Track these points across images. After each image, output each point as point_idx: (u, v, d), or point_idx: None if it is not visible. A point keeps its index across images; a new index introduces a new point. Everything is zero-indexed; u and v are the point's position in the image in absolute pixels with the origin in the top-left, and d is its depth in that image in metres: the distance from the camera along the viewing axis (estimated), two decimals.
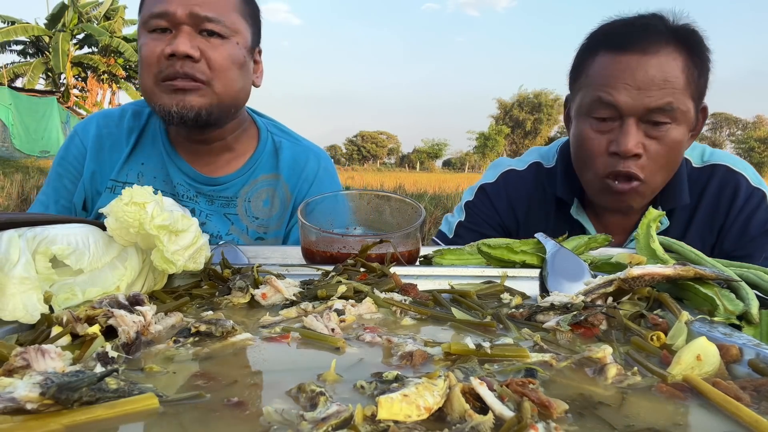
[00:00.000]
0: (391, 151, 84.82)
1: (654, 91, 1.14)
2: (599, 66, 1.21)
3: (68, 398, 0.37)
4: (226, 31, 1.25)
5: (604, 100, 1.17)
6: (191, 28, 1.22)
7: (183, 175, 1.41)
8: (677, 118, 1.16)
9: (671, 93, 1.14)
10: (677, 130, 1.17)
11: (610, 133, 1.19)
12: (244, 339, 0.57)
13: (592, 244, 1.09)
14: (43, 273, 0.64)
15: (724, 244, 1.28)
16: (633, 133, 1.15)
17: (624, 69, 1.16)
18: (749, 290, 0.71)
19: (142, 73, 1.26)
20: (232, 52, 1.26)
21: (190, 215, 0.77)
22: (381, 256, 0.91)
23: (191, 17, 1.21)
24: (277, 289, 0.73)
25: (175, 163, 1.40)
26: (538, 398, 0.39)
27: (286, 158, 1.47)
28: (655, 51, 1.15)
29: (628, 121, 1.15)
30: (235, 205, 1.41)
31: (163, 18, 1.22)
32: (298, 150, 1.50)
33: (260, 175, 1.45)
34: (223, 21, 1.24)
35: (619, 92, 1.15)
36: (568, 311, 0.64)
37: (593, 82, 1.20)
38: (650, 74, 1.14)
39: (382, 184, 14.17)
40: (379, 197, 1.13)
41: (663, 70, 1.15)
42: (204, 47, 1.22)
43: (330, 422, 0.36)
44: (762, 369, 0.48)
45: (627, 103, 1.14)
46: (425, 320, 0.66)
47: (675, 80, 1.15)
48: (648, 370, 0.48)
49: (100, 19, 27.96)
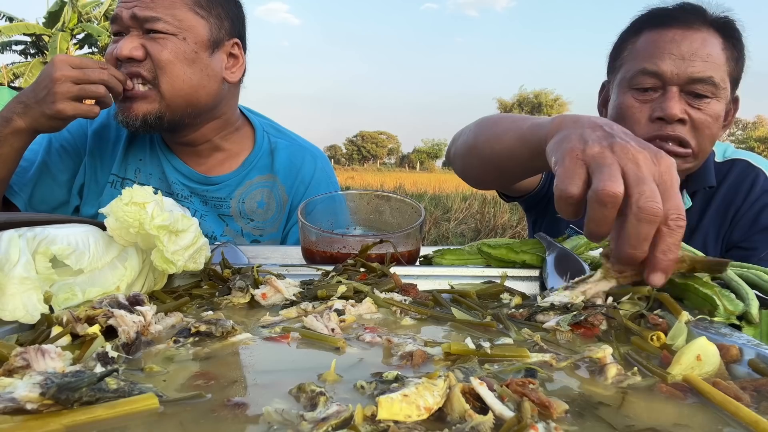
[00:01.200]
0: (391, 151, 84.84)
1: (698, 62, 1.19)
2: (644, 41, 1.26)
3: (68, 398, 0.37)
4: (171, 28, 1.24)
5: (648, 70, 1.21)
6: (138, 30, 1.23)
7: (178, 174, 1.40)
8: (717, 94, 1.20)
9: (713, 67, 1.19)
10: (718, 105, 1.22)
11: (652, 102, 1.22)
12: (244, 339, 0.57)
13: (592, 244, 1.09)
14: (43, 273, 0.64)
15: (734, 232, 1.33)
16: (677, 99, 1.19)
17: (669, 40, 1.21)
18: (749, 290, 0.71)
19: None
20: (176, 48, 1.24)
21: (190, 215, 0.77)
22: (381, 256, 0.91)
23: (134, 19, 1.22)
24: (277, 289, 0.73)
25: (170, 162, 1.40)
26: (538, 398, 0.39)
27: (282, 159, 1.45)
28: (698, 28, 1.21)
29: (671, 89, 1.20)
30: (228, 207, 1.40)
31: (115, 23, 1.25)
32: (294, 150, 1.48)
33: (255, 176, 1.43)
34: (164, 18, 1.23)
35: (663, 61, 1.20)
36: (568, 311, 0.64)
37: (638, 55, 1.26)
38: (694, 46, 1.19)
39: (382, 184, 14.18)
40: (379, 197, 1.13)
41: (705, 45, 1.20)
42: (148, 46, 1.22)
43: (330, 422, 0.36)
44: (762, 369, 0.47)
45: (671, 71, 1.19)
46: (425, 320, 0.66)
47: (717, 56, 1.20)
48: (648, 370, 0.49)
49: (100, 19, 27.97)
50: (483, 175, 1.17)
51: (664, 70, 1.20)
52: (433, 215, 7.96)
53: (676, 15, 1.24)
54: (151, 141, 1.41)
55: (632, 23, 1.32)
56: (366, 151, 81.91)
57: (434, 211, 8.17)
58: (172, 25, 1.23)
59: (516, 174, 1.10)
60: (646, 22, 1.28)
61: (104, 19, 28.04)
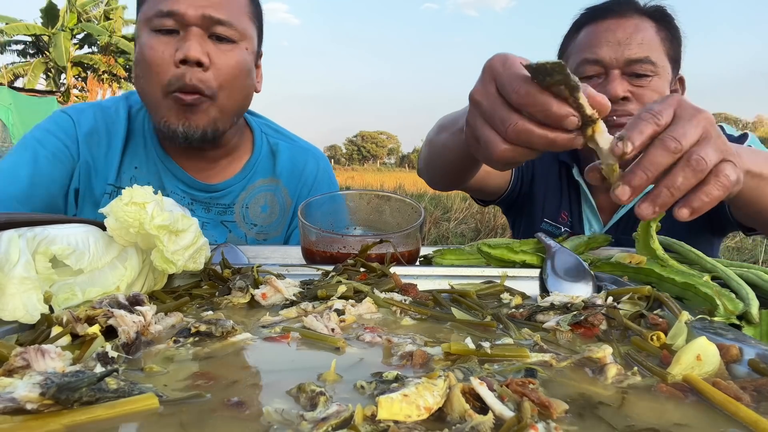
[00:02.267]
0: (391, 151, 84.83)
1: (633, 45, 1.29)
2: (583, 35, 1.37)
3: (68, 398, 0.37)
4: (236, 36, 1.18)
5: (589, 59, 1.31)
6: (201, 31, 1.14)
7: (177, 182, 1.33)
8: (657, 72, 1.30)
9: (648, 48, 1.29)
10: (659, 81, 1.30)
11: (598, 88, 1.29)
12: (244, 339, 0.57)
13: (592, 244, 1.09)
14: (43, 273, 0.64)
15: None
16: (618, 80, 1.28)
17: (605, 30, 1.32)
18: (749, 290, 0.71)
19: (146, 78, 1.17)
20: (240, 58, 1.19)
21: (190, 215, 0.77)
22: (381, 256, 0.91)
23: (203, 19, 1.14)
24: (277, 289, 0.73)
25: (169, 169, 1.32)
26: (538, 398, 0.39)
27: (284, 161, 1.41)
28: (630, 16, 1.32)
29: (612, 72, 1.29)
30: (232, 212, 1.36)
31: (172, 17, 1.13)
32: (295, 151, 1.45)
33: (258, 179, 1.39)
34: (234, 25, 1.17)
35: (601, 49, 1.30)
36: (568, 311, 0.64)
37: (579, 48, 1.36)
38: (628, 32, 1.30)
39: (382, 184, 14.17)
40: (379, 197, 1.13)
41: (639, 29, 1.30)
42: (213, 53, 1.15)
43: (330, 422, 0.36)
44: (762, 369, 0.48)
45: (610, 56, 1.29)
46: (425, 320, 0.66)
47: (651, 38, 1.31)
48: (648, 370, 0.49)
49: (99, 19, 27.96)
50: (433, 170, 1.23)
51: (603, 56, 1.29)
52: (433, 215, 7.96)
53: (610, 7, 1.34)
54: (146, 146, 1.33)
55: (573, 23, 1.42)
56: (366, 151, 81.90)
57: (434, 211, 8.17)
58: (237, 32, 1.18)
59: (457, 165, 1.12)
60: (585, 19, 1.39)
61: (104, 18, 28.04)
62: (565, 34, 1.44)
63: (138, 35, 1.22)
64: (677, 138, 0.62)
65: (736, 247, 6.19)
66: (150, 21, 1.16)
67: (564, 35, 1.44)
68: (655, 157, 0.62)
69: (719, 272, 0.79)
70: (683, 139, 0.62)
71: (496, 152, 0.68)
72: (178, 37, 1.15)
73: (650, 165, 0.62)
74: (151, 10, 1.16)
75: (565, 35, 1.44)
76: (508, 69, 0.66)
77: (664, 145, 0.62)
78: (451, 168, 1.13)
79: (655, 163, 0.62)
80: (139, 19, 1.22)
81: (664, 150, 0.62)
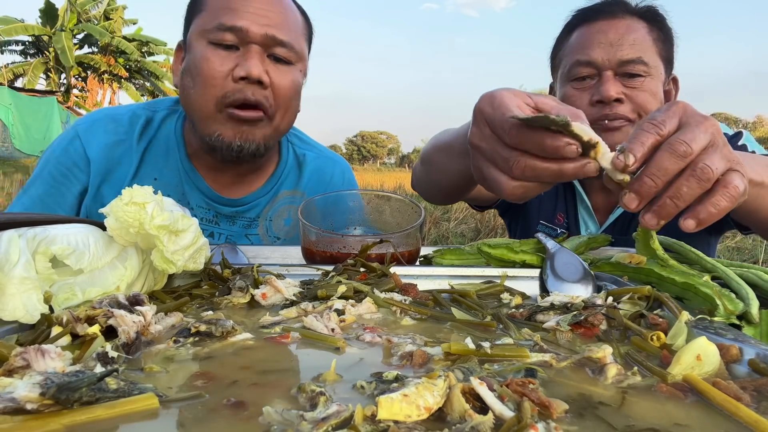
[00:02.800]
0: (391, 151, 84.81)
1: (625, 46, 1.28)
2: (576, 37, 1.37)
3: (68, 398, 0.37)
4: (294, 58, 1.18)
5: (582, 61, 1.31)
6: (261, 49, 1.13)
7: (201, 196, 1.30)
8: (650, 72, 1.30)
9: (640, 48, 1.29)
10: (652, 82, 1.30)
11: (591, 89, 1.31)
12: (244, 339, 0.57)
13: (592, 244, 1.09)
14: (43, 273, 0.64)
15: None
16: (612, 81, 1.28)
17: (597, 31, 1.32)
18: (749, 290, 0.71)
19: (198, 90, 1.14)
20: (296, 79, 1.19)
21: (190, 215, 0.77)
22: (381, 256, 0.91)
23: (265, 38, 1.13)
24: (277, 289, 0.73)
25: (194, 182, 1.29)
26: (538, 398, 0.39)
27: (311, 172, 1.40)
28: (622, 17, 1.32)
29: (605, 74, 1.29)
30: (257, 225, 1.35)
31: (233, 33, 1.12)
32: (322, 162, 1.44)
33: (282, 191, 1.37)
34: (294, 47, 1.17)
35: (594, 50, 1.30)
36: (568, 311, 0.64)
37: (572, 50, 1.36)
38: (620, 32, 1.29)
39: (382, 184, 14.16)
40: (379, 197, 1.12)
41: (630, 30, 1.30)
42: (272, 73, 1.15)
43: (330, 422, 0.36)
44: (762, 369, 0.48)
45: (602, 57, 1.28)
46: (425, 320, 0.66)
47: (642, 39, 1.30)
48: (648, 370, 0.48)
49: (99, 19, 27.96)
50: (430, 188, 1.24)
51: (595, 57, 1.29)
52: (433, 215, 7.96)
53: (602, 9, 1.35)
54: (168, 156, 1.30)
55: (565, 25, 1.42)
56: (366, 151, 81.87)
57: (434, 211, 8.16)
58: (295, 54, 1.18)
59: (455, 186, 1.15)
60: (576, 21, 1.39)
61: (104, 19, 28.05)
62: (557, 37, 1.44)
63: (191, 45, 1.19)
64: (687, 142, 0.60)
65: (736, 247, 6.18)
66: (208, 33, 1.14)
67: (556, 38, 1.45)
68: (663, 161, 0.60)
69: (719, 272, 0.79)
70: (693, 143, 0.60)
71: (506, 191, 0.69)
72: (237, 53, 1.14)
73: (657, 171, 0.60)
74: (210, 22, 1.14)
75: (557, 37, 1.44)
76: (496, 111, 0.67)
77: (672, 149, 0.60)
78: (448, 188, 1.14)
79: (663, 168, 0.60)
80: (192, 29, 1.19)
81: (672, 154, 0.60)
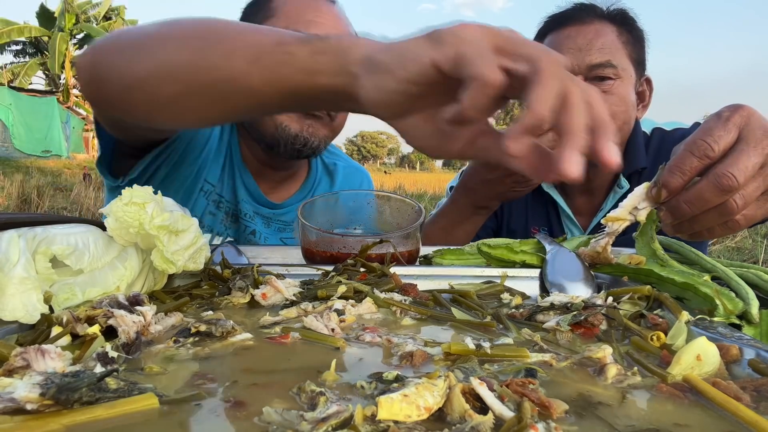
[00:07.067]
0: (391, 151, 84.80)
1: (594, 51, 1.29)
2: (546, 44, 1.36)
3: (68, 398, 0.37)
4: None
5: None
6: None
7: (246, 192, 1.35)
8: (620, 75, 1.30)
9: (609, 52, 1.29)
10: (623, 86, 1.30)
11: None
12: (244, 339, 0.57)
13: None
14: (43, 273, 0.64)
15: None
16: None
17: (566, 37, 1.33)
18: (749, 290, 0.71)
19: None
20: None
21: (190, 215, 0.77)
22: (381, 256, 0.91)
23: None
24: (277, 289, 0.73)
25: (243, 179, 1.36)
26: (538, 398, 0.39)
27: (341, 181, 1.45)
28: (590, 21, 1.33)
29: None
30: (291, 229, 1.39)
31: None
32: (350, 172, 1.50)
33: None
34: None
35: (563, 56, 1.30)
36: (568, 311, 0.64)
37: None
38: (588, 38, 1.30)
39: (382, 184, 14.16)
40: (379, 197, 1.12)
41: (599, 34, 1.31)
42: None
43: (330, 422, 0.36)
44: (762, 369, 0.48)
45: (572, 63, 1.29)
46: (425, 320, 0.66)
47: (611, 42, 1.31)
48: (648, 370, 0.48)
49: (99, 20, 27.93)
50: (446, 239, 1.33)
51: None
52: None
53: (571, 14, 1.36)
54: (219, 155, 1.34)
55: (537, 32, 1.44)
56: (366, 151, 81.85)
57: None
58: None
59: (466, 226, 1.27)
60: (547, 28, 1.40)
61: (104, 19, 28.02)
62: None
63: None
64: (735, 176, 0.55)
65: (736, 247, 6.18)
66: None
67: None
68: (704, 193, 0.56)
69: (719, 272, 0.79)
70: (740, 175, 0.55)
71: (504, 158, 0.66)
72: None
73: (696, 201, 0.56)
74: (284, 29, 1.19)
75: None
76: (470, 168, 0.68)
77: (717, 182, 0.55)
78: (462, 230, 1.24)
79: (703, 200, 0.56)
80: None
81: (715, 187, 0.55)
